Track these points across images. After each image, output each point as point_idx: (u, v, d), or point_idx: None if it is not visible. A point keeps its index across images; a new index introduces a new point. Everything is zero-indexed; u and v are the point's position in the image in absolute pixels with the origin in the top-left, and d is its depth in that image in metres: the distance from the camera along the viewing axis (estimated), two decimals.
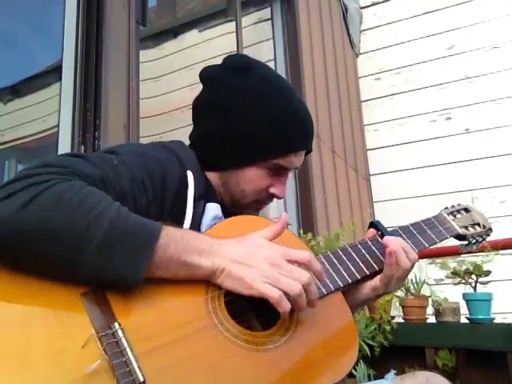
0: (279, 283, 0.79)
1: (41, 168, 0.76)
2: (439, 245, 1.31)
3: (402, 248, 0.99)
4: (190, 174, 0.94)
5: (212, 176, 1.04)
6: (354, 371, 2.09)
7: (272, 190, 1.04)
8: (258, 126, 1.00)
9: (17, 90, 2.77)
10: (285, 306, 0.78)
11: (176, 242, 0.78)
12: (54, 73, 2.15)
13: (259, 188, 1.03)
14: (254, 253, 0.82)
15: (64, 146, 1.73)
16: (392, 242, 0.99)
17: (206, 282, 0.82)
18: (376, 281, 1.01)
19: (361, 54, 4.48)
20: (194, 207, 0.93)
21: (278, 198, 1.06)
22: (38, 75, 2.64)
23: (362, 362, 2.15)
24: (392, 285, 1.01)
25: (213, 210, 0.98)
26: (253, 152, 1.00)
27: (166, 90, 3.44)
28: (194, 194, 0.93)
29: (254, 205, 1.06)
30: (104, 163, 0.84)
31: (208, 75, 1.08)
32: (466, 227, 1.22)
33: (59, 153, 1.73)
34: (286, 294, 0.79)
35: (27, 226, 0.69)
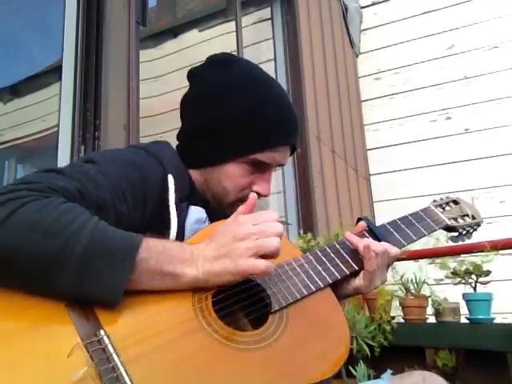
0: (260, 248, 0.80)
1: (20, 185, 0.76)
2: (439, 245, 1.30)
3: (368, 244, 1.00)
4: (170, 178, 0.93)
5: (195, 174, 1.02)
6: (353, 371, 2.09)
7: (255, 188, 1.01)
8: (234, 117, 0.98)
9: (17, 90, 2.76)
10: (272, 271, 0.83)
11: (158, 254, 0.78)
12: (53, 73, 2.15)
13: (241, 185, 1.00)
14: (224, 239, 0.82)
15: (64, 146, 1.73)
16: (356, 238, 1.02)
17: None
18: (359, 279, 1.01)
19: (361, 53, 4.48)
20: (178, 210, 0.92)
21: (262, 196, 1.03)
22: (38, 75, 2.64)
23: (361, 362, 2.14)
24: (376, 279, 1.01)
25: (196, 213, 0.96)
26: (230, 145, 0.98)
27: (166, 89, 3.44)
28: (176, 197, 0.92)
29: (238, 204, 1.02)
30: (81, 175, 0.83)
31: (191, 73, 1.08)
32: (455, 219, 1.20)
33: (59, 153, 1.73)
34: (272, 253, 0.81)
35: (4, 247, 0.70)
